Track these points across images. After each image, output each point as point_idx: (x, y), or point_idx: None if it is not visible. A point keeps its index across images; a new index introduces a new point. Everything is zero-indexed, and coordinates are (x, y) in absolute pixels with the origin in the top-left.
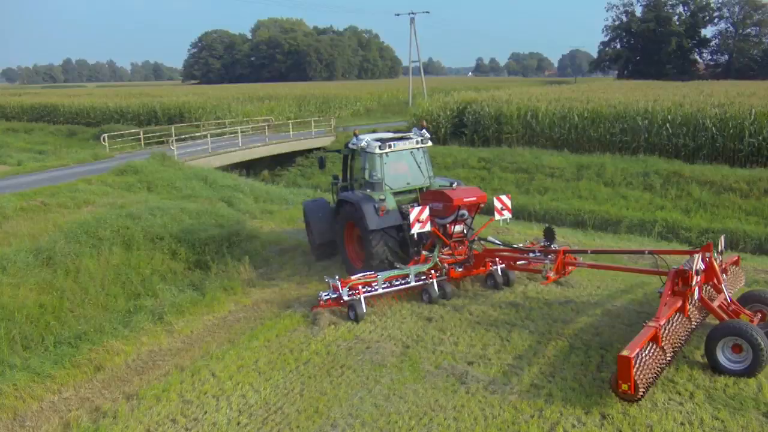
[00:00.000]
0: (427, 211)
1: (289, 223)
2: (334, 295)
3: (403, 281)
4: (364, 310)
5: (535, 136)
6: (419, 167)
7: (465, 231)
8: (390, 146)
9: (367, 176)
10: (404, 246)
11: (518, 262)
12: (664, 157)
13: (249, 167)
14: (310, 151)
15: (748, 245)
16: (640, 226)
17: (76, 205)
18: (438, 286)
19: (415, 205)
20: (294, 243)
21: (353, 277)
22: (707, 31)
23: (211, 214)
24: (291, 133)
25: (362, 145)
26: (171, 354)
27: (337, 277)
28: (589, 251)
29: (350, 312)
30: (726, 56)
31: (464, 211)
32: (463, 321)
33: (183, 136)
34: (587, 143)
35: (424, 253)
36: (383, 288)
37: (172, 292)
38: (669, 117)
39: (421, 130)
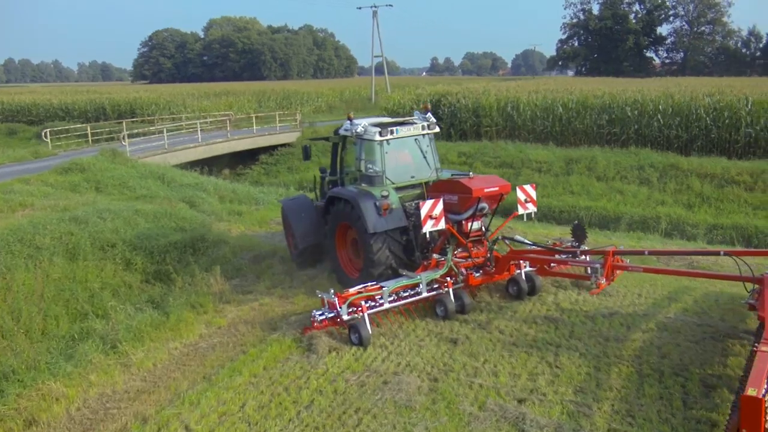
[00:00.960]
0: (440, 206)
1: (261, 225)
2: (331, 314)
3: (412, 292)
4: (370, 332)
5: (517, 129)
6: (425, 157)
7: (484, 229)
8: (392, 132)
9: (363, 168)
10: (409, 250)
11: (552, 266)
12: (656, 149)
13: (209, 165)
14: (274, 147)
15: (762, 242)
16: (642, 223)
17: (11, 209)
18: (454, 296)
19: (426, 198)
20: (269, 248)
21: (352, 290)
22: (663, 29)
23: (171, 217)
24: (254, 128)
25: (358, 131)
26: (129, 398)
27: (332, 291)
28: (646, 252)
29: (353, 335)
30: (681, 54)
31: (484, 204)
32: (495, 342)
33: (136, 131)
34: (573, 136)
35: (435, 256)
36: (389, 302)
37: (128, 312)
38: (660, 107)
39: (426, 113)
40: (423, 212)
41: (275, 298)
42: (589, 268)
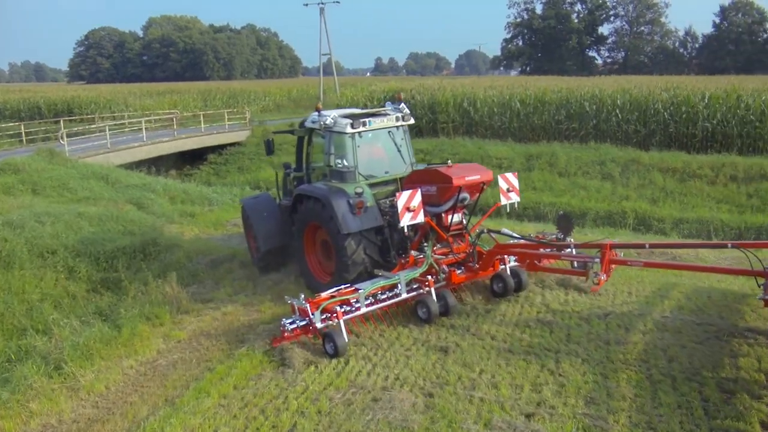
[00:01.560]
0: (419, 196)
1: (217, 227)
2: (303, 322)
3: (391, 294)
4: (346, 340)
5: (474, 126)
6: (399, 151)
7: (465, 222)
8: (364, 124)
9: (333, 163)
10: (384, 251)
11: (544, 261)
12: (616, 144)
13: (155, 166)
14: (223, 147)
15: (728, 235)
16: (609, 219)
17: None
18: (437, 296)
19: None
20: (228, 252)
21: (324, 295)
22: (604, 29)
23: (118, 220)
24: (202, 127)
25: (327, 122)
26: (78, 429)
27: (302, 296)
28: (647, 245)
29: (327, 345)
30: (622, 53)
31: (465, 195)
32: (489, 350)
33: (75, 129)
34: (531, 132)
35: (412, 253)
36: (366, 306)
37: (73, 326)
38: (618, 102)
39: (399, 104)
40: (400, 204)
41: (239, 306)
42: (587, 263)
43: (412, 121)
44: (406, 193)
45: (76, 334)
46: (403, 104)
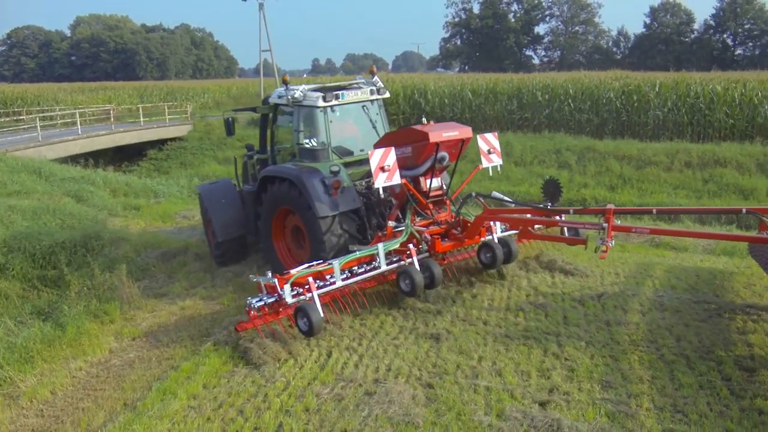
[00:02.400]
0: (393, 155)
1: (165, 220)
2: (271, 299)
3: (368, 267)
4: (321, 315)
5: (425, 117)
6: (374, 127)
7: (445, 187)
8: (337, 97)
9: (302, 140)
10: (361, 233)
11: (537, 227)
12: (569, 133)
13: (91, 161)
14: (164, 142)
15: (686, 219)
16: (569, 206)
17: None
18: (420, 266)
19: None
20: (180, 245)
21: (293, 271)
22: (540, 29)
23: (55, 213)
24: (141, 121)
25: (296, 96)
26: None
27: (269, 273)
28: (654, 210)
29: (300, 320)
30: (558, 52)
31: (444, 154)
32: (484, 336)
33: (1, 120)
34: (484, 122)
35: (390, 224)
36: (342, 280)
37: (7, 327)
38: (571, 91)
39: (372, 77)
40: (373, 163)
41: (197, 299)
42: (578, 231)
43: (387, 94)
44: (378, 152)
45: (12, 335)
46: (376, 77)
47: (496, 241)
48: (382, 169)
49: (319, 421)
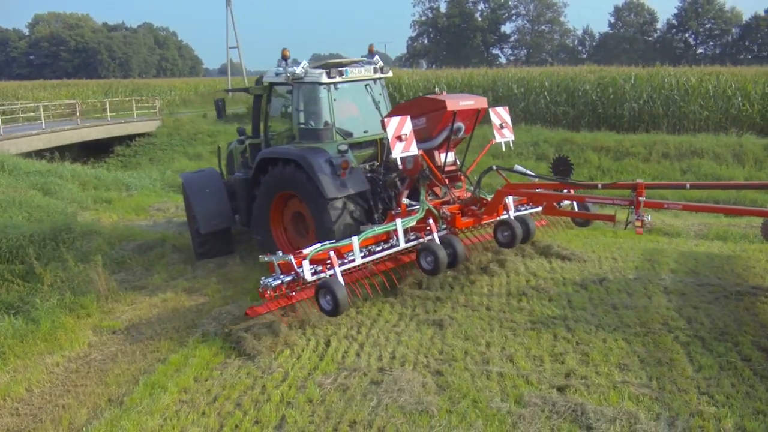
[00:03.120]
0: (409, 123)
1: (139, 213)
2: (288, 278)
3: (386, 246)
4: (345, 293)
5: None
6: (377, 108)
7: (459, 162)
8: (341, 74)
9: (304, 121)
10: (369, 216)
11: (564, 203)
12: (546, 126)
13: (57, 154)
14: (132, 137)
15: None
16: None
17: None
18: (442, 242)
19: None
20: (156, 237)
21: (308, 249)
22: (507, 28)
23: (21, 206)
24: (108, 116)
25: (297, 72)
26: None
27: (279, 252)
28: (688, 185)
29: (323, 299)
30: (525, 51)
31: (460, 124)
32: (490, 321)
33: None
34: None
35: (404, 201)
36: (362, 257)
37: None
38: (546, 84)
39: (372, 56)
40: (390, 132)
41: (179, 291)
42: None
43: (390, 74)
44: (395, 119)
45: None
46: (377, 57)
47: (512, 217)
48: (399, 138)
49: (325, 412)
